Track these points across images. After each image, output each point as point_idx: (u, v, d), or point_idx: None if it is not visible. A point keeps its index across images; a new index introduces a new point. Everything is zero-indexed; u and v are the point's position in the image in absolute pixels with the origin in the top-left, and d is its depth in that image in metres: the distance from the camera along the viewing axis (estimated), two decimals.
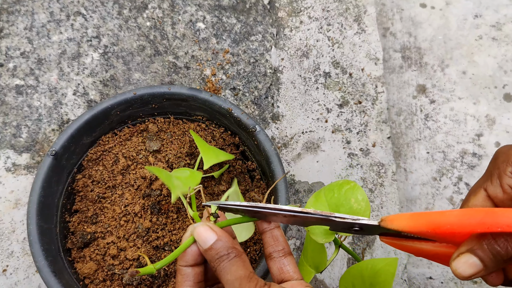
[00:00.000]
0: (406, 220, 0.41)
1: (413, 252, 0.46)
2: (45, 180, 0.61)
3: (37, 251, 0.58)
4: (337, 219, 0.43)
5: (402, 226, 0.41)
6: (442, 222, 0.39)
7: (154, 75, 0.79)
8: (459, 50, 0.91)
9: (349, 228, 0.44)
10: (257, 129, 0.64)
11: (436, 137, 0.85)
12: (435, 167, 0.84)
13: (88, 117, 0.64)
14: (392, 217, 0.42)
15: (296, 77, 0.82)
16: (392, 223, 0.42)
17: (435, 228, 0.39)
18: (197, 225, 0.43)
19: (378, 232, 0.45)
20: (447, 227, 0.39)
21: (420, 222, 0.40)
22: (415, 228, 0.40)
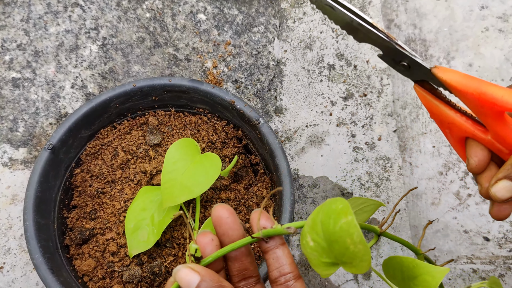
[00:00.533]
0: (459, 76, 0.41)
1: (434, 111, 0.46)
2: (42, 175, 0.59)
3: (34, 247, 0.57)
4: (397, 46, 0.43)
5: (452, 80, 0.41)
6: (491, 92, 0.39)
7: (154, 68, 0.77)
8: (465, 42, 0.89)
9: (398, 61, 0.44)
10: (260, 122, 0.62)
11: None
12: (441, 161, 0.82)
13: (86, 109, 0.62)
14: (446, 69, 0.42)
15: (299, 69, 0.80)
16: (444, 73, 0.42)
17: (482, 93, 0.39)
18: (177, 268, 0.38)
19: (419, 77, 0.45)
20: (494, 97, 0.39)
21: (471, 83, 0.40)
22: (463, 86, 0.40)
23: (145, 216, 0.60)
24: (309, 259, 0.39)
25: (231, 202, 0.64)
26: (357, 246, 0.34)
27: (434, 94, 0.45)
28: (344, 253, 0.35)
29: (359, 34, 0.44)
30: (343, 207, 0.35)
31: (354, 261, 0.35)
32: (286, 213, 0.58)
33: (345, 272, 0.70)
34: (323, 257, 0.37)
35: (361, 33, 0.44)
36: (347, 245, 0.34)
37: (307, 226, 0.38)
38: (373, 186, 0.74)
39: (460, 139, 0.48)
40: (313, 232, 0.37)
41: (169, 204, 0.57)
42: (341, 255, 0.35)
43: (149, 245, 0.59)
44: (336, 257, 0.36)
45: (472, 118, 0.45)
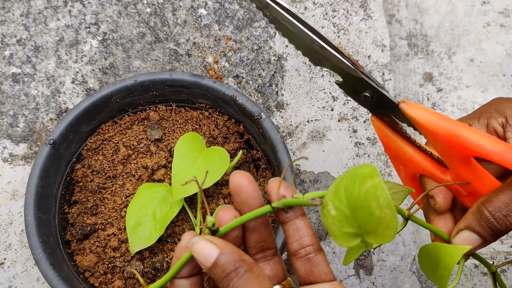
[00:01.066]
0: (429, 114, 0.37)
1: (390, 146, 0.43)
2: (43, 170, 0.59)
3: (35, 243, 0.56)
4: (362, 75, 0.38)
5: (422, 118, 0.37)
6: (465, 134, 0.36)
7: (154, 63, 0.77)
8: (466, 37, 0.88)
9: (359, 92, 0.40)
10: (262, 117, 0.61)
11: None
12: None
13: (87, 104, 0.62)
14: (415, 105, 0.38)
15: (300, 64, 0.79)
16: (413, 110, 0.38)
17: (454, 136, 0.36)
18: (195, 240, 0.34)
19: (380, 110, 0.41)
20: (467, 141, 0.36)
21: (442, 124, 0.37)
22: (433, 126, 0.37)
23: (146, 212, 0.60)
24: (330, 230, 0.36)
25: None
26: (383, 211, 0.31)
27: (393, 129, 0.42)
28: (369, 219, 0.32)
29: (317, 56, 0.39)
30: (370, 170, 0.32)
31: (379, 228, 0.32)
32: None
33: (346, 268, 0.70)
34: (345, 226, 0.34)
35: (320, 56, 0.39)
36: (372, 210, 0.31)
37: (329, 194, 0.35)
38: None
39: (413, 176, 0.46)
40: (335, 199, 0.34)
41: (180, 195, 0.57)
42: (365, 223, 0.32)
43: (152, 241, 0.59)
44: (360, 226, 0.33)
45: (431, 156, 0.43)
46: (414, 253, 0.71)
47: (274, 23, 0.39)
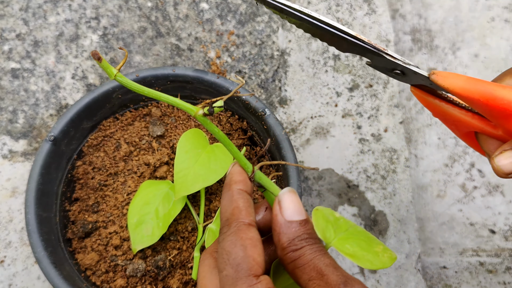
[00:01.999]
0: (462, 81, 0.37)
1: (437, 110, 0.44)
2: (43, 167, 0.58)
3: (36, 241, 0.55)
4: (387, 56, 0.39)
5: (455, 86, 0.37)
6: (501, 95, 0.36)
7: (156, 58, 0.75)
8: (470, 33, 0.87)
9: (391, 69, 0.41)
10: (266, 113, 0.60)
11: None
12: (446, 153, 0.81)
13: (88, 100, 0.61)
14: (446, 74, 0.38)
15: (304, 59, 0.78)
16: (445, 80, 0.38)
17: (490, 99, 0.36)
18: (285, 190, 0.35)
19: (416, 82, 0.42)
20: (504, 102, 0.36)
21: (476, 88, 0.37)
22: (467, 92, 0.37)
23: (149, 210, 0.59)
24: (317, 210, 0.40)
25: None
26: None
27: (435, 95, 0.43)
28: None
29: (343, 45, 0.41)
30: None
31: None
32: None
33: (350, 265, 0.69)
34: None
35: (346, 44, 0.40)
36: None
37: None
38: (379, 178, 0.73)
39: (468, 133, 0.46)
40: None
41: (183, 193, 0.56)
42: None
43: (154, 239, 0.58)
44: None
45: (478, 114, 0.42)
46: (419, 250, 0.71)
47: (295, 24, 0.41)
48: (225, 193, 0.39)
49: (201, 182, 0.56)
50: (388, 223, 0.71)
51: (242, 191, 0.38)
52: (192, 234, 0.61)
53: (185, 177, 0.58)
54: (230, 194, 0.38)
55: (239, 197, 0.38)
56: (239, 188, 0.38)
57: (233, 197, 0.38)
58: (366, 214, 0.71)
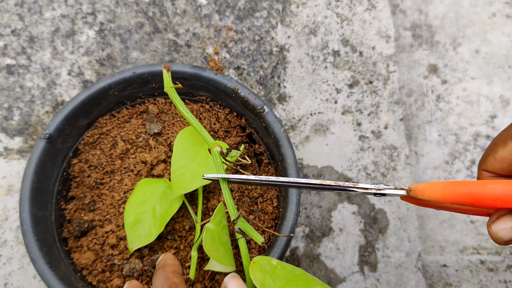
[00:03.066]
0: (440, 190, 0.37)
1: (435, 208, 0.43)
2: (38, 165, 0.57)
3: (30, 241, 0.54)
4: (359, 190, 0.41)
5: (436, 197, 0.38)
6: (484, 195, 0.36)
7: (153, 54, 0.74)
8: (471, 28, 0.86)
9: (372, 194, 0.42)
10: (265, 110, 0.59)
11: (448, 119, 0.81)
12: (447, 150, 0.79)
13: (84, 97, 0.59)
14: (423, 187, 0.39)
15: (303, 55, 0.76)
16: (423, 194, 0.38)
17: (475, 201, 0.36)
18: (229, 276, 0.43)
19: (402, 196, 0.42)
20: (490, 202, 0.35)
21: (458, 194, 0.37)
22: (451, 199, 0.37)
23: (146, 208, 0.57)
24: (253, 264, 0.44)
25: (234, 193, 0.61)
26: None
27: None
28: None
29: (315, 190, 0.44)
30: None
31: None
32: (293, 204, 0.55)
33: (350, 264, 0.68)
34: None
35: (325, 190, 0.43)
36: None
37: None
38: (379, 176, 0.72)
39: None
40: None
41: (180, 192, 0.55)
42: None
43: (151, 238, 0.57)
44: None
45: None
46: (419, 249, 0.69)
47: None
48: (159, 273, 0.45)
49: (199, 181, 0.55)
50: (388, 221, 0.70)
51: (175, 271, 0.45)
52: (189, 233, 0.59)
53: (182, 176, 0.56)
54: (166, 273, 0.45)
55: (174, 276, 0.44)
56: (173, 269, 0.45)
57: (169, 276, 0.44)
58: (366, 212, 0.70)
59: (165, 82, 0.49)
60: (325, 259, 0.68)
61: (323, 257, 0.68)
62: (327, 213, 0.70)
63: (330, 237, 0.69)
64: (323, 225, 0.70)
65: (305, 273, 0.44)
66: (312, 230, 0.69)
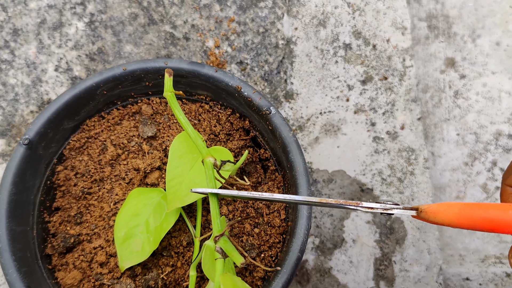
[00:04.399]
0: (455, 214, 0.32)
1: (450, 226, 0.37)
2: (17, 175, 0.49)
3: (7, 261, 0.47)
4: (364, 209, 0.36)
5: (450, 221, 0.32)
6: (505, 222, 0.31)
7: (148, 48, 0.66)
8: (492, 18, 0.78)
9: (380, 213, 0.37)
10: (271, 112, 0.51)
11: (467, 117, 0.73)
12: (466, 150, 0.72)
13: (68, 97, 0.52)
14: (436, 208, 0.33)
15: (312, 49, 0.68)
16: (436, 216, 0.33)
17: (495, 228, 0.31)
18: None
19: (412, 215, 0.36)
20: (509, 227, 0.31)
21: (475, 218, 0.32)
22: (467, 224, 0.32)
23: (138, 222, 0.50)
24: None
25: (237, 203, 0.54)
26: None
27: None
28: None
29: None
30: None
31: None
32: (303, 218, 0.47)
33: (365, 279, 0.60)
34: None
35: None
36: None
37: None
38: (395, 181, 0.64)
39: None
40: None
41: (176, 205, 0.48)
42: None
43: (144, 255, 0.49)
44: None
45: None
46: (440, 262, 0.62)
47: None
48: None
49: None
50: (406, 231, 0.62)
51: None
52: (187, 249, 0.52)
53: (179, 186, 0.49)
54: None
55: None
56: None
57: None
58: (382, 221, 0.63)
59: (166, 86, 0.43)
60: (337, 273, 0.60)
61: (335, 271, 0.61)
62: (339, 222, 0.62)
63: (343, 249, 0.61)
64: (335, 236, 0.62)
65: None
66: (322, 241, 0.61)
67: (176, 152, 0.50)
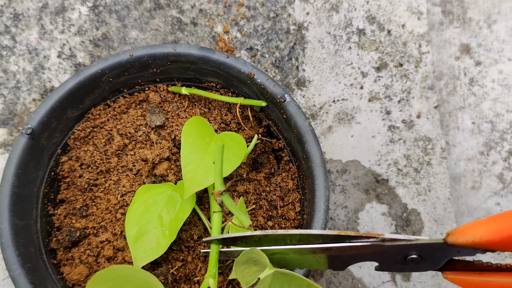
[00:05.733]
0: (483, 227, 0.28)
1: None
2: (19, 166, 0.46)
3: (10, 257, 0.44)
4: (386, 243, 0.32)
5: (479, 236, 0.28)
6: None
7: (155, 33, 0.63)
8: (508, 3, 0.74)
9: (403, 258, 0.32)
10: (286, 99, 0.48)
11: (483, 105, 0.70)
12: (481, 139, 0.69)
13: (72, 85, 0.49)
14: (462, 228, 0.30)
15: (324, 34, 0.65)
16: (464, 236, 0.29)
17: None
18: None
19: (443, 261, 0.32)
20: None
21: (504, 228, 0.28)
22: (497, 241, 0.28)
23: (150, 218, 0.47)
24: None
25: (250, 195, 0.51)
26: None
27: (478, 269, 0.32)
28: None
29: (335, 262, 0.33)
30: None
31: None
32: (320, 212, 0.45)
33: (380, 273, 0.58)
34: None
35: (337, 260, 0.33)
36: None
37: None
38: (411, 172, 0.61)
39: None
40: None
41: (194, 189, 0.46)
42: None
43: (161, 251, 0.46)
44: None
45: None
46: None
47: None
48: None
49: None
50: (423, 223, 0.60)
51: None
52: (198, 243, 0.49)
53: (195, 171, 0.46)
54: None
55: None
56: None
57: None
58: (398, 213, 0.60)
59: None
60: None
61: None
62: (353, 214, 0.60)
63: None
64: (349, 228, 0.59)
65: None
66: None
67: (187, 138, 0.47)
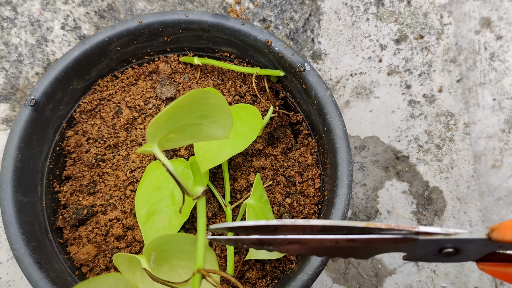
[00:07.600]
0: None
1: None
2: (23, 140, 0.43)
3: (14, 235, 0.41)
4: (420, 237, 0.28)
5: None
6: None
7: (162, 4, 0.59)
8: None
9: (436, 251, 0.29)
10: (306, 68, 0.45)
11: (504, 81, 0.66)
12: (503, 116, 0.65)
13: (78, 54, 0.45)
14: (509, 224, 0.26)
15: (340, 5, 0.62)
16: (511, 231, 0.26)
17: None
18: None
19: (481, 254, 0.29)
20: None
21: None
22: None
23: (161, 196, 0.44)
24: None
25: (266, 171, 0.48)
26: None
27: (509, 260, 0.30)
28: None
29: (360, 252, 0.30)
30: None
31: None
32: (343, 187, 0.42)
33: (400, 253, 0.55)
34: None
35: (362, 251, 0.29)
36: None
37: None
38: (433, 148, 0.58)
39: None
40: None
41: (208, 166, 0.43)
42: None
43: (173, 230, 0.44)
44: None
45: None
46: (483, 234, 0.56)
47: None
48: None
49: (229, 150, 0.43)
50: (445, 202, 0.57)
51: None
52: (212, 221, 0.46)
53: (208, 146, 0.43)
54: None
55: None
56: None
57: None
58: (419, 191, 0.57)
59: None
60: None
61: None
62: (372, 192, 0.57)
63: (377, 221, 0.56)
64: (368, 207, 0.56)
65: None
66: (355, 213, 0.56)
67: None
